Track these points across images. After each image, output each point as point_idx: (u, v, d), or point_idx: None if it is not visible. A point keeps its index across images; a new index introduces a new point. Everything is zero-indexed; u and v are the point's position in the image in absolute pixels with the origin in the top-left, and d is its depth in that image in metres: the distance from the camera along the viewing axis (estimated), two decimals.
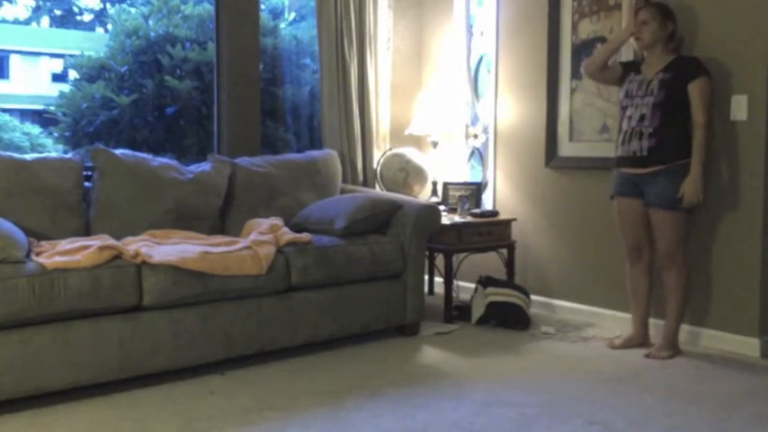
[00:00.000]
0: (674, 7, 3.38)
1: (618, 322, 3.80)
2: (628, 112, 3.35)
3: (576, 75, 4.00)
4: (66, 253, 2.77)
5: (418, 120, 4.57)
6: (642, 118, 3.28)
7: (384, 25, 4.61)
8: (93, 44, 5.28)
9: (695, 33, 3.45)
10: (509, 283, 4.02)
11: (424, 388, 2.90)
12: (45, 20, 6.01)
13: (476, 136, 4.64)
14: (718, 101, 3.36)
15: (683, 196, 3.20)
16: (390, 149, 4.59)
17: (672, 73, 3.25)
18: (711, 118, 3.30)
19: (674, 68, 3.26)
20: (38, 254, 2.79)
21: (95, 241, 2.91)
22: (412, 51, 4.92)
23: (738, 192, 3.36)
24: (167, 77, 4.95)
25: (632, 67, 3.45)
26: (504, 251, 4.19)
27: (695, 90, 3.22)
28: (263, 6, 4.55)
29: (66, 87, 5.24)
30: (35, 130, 5.27)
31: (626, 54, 3.70)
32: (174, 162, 3.64)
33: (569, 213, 4.08)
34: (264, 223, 3.45)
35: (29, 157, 3.30)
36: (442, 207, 4.23)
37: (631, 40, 3.42)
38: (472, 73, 4.73)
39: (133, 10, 5.21)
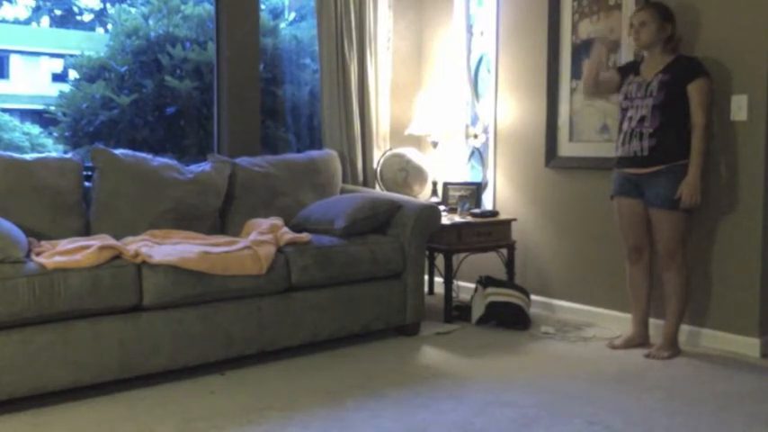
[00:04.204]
0: (674, 7, 3.37)
1: (618, 322, 3.80)
2: (628, 114, 3.35)
3: (575, 75, 4.00)
4: (66, 253, 2.77)
5: (418, 120, 4.57)
6: (642, 119, 3.28)
7: (384, 25, 4.62)
8: (93, 44, 5.28)
9: (695, 33, 3.45)
10: (509, 283, 4.02)
11: (424, 388, 2.90)
12: (45, 20, 6.01)
13: (476, 136, 4.64)
14: (718, 101, 3.36)
15: (681, 197, 3.21)
16: (390, 149, 4.60)
17: (671, 74, 3.24)
18: (711, 119, 3.30)
19: (673, 69, 3.26)
20: (38, 254, 2.79)
21: (95, 241, 2.91)
22: (412, 51, 4.92)
23: (738, 192, 3.36)
24: (167, 77, 4.95)
25: (631, 68, 3.45)
26: (504, 251, 4.19)
27: (695, 91, 3.22)
28: (263, 6, 4.55)
29: (66, 87, 5.24)
30: (35, 130, 5.27)
31: (626, 55, 3.71)
32: (174, 162, 3.63)
33: (569, 213, 4.08)
34: (264, 223, 3.45)
35: (29, 157, 3.30)
36: (442, 207, 4.23)
37: (630, 39, 3.42)
38: (472, 73, 4.73)
39: (133, 10, 5.21)
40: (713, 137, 3.37)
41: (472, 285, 4.09)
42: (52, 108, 5.11)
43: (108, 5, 5.68)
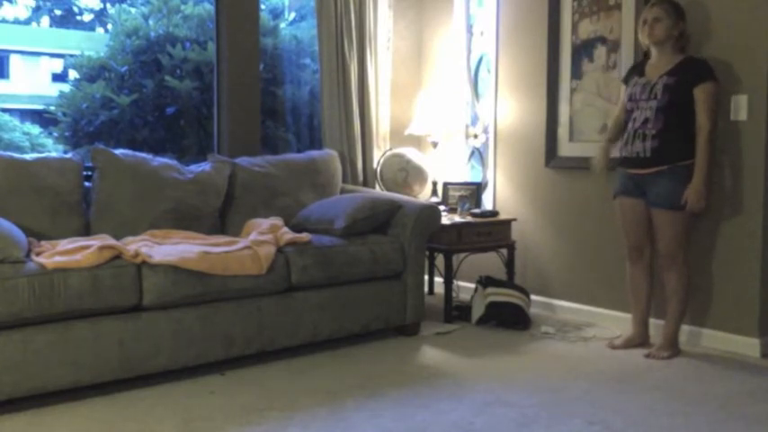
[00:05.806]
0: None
1: (618, 322, 3.80)
2: (633, 115, 3.34)
3: (575, 75, 4.00)
4: (66, 253, 2.77)
5: (418, 120, 4.57)
6: (646, 121, 3.27)
7: (384, 25, 4.61)
8: (93, 44, 5.28)
9: (696, 33, 3.44)
10: (509, 283, 4.02)
11: (424, 388, 2.90)
12: (45, 20, 6.01)
13: (476, 136, 4.64)
14: (718, 100, 3.36)
15: (686, 202, 3.20)
16: (390, 149, 4.59)
17: (677, 77, 3.22)
18: (716, 123, 3.28)
19: (680, 72, 3.23)
20: (38, 254, 2.79)
21: (95, 241, 2.91)
22: (412, 51, 4.92)
23: (739, 192, 3.36)
24: (167, 77, 4.95)
25: (635, 70, 3.44)
26: (504, 251, 4.19)
27: (701, 95, 3.20)
28: (263, 6, 4.55)
29: (66, 87, 5.24)
30: (35, 130, 5.27)
31: (626, 55, 3.70)
32: (174, 162, 3.63)
33: (569, 213, 4.08)
34: (264, 223, 3.45)
35: (29, 157, 3.30)
36: (442, 207, 4.23)
37: (639, 33, 3.40)
38: (472, 73, 4.72)
39: (133, 10, 5.21)
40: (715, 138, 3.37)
41: (472, 285, 4.08)
42: (52, 108, 5.11)
43: (108, 5, 5.67)
